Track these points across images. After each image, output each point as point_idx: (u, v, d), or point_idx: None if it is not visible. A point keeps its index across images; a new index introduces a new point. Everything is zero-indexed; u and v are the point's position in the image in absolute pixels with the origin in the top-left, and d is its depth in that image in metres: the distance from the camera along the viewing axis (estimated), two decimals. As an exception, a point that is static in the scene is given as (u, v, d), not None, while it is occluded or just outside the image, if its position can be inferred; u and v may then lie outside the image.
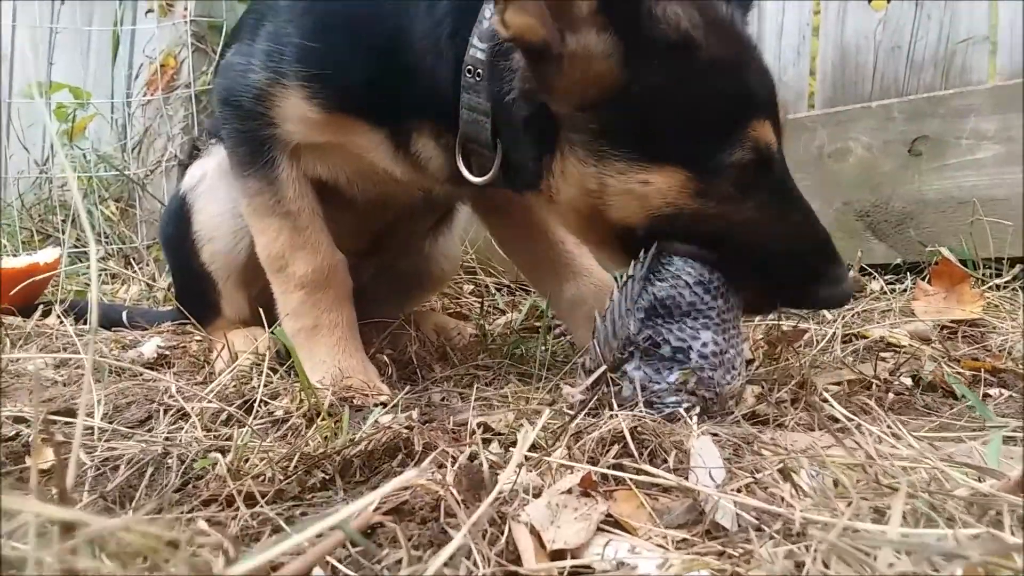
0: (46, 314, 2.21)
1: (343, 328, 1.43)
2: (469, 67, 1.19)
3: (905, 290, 1.89)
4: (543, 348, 1.74)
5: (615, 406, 1.02)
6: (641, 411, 1.02)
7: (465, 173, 1.26)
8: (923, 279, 1.87)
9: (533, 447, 0.87)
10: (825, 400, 1.26)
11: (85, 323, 2.15)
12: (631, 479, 0.79)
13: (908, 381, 1.40)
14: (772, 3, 2.33)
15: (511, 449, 0.89)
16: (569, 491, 0.77)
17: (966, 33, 2.04)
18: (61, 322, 2.14)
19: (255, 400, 1.16)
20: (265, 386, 1.20)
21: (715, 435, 0.95)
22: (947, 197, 1.94)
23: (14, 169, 3.72)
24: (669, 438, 0.87)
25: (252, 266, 1.59)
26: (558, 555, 0.68)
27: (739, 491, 0.79)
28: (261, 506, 0.79)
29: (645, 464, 0.82)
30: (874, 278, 1.97)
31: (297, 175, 1.42)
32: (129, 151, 3.43)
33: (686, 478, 0.80)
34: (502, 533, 0.69)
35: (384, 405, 1.15)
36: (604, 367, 1.08)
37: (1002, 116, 1.89)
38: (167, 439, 1.03)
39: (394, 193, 1.52)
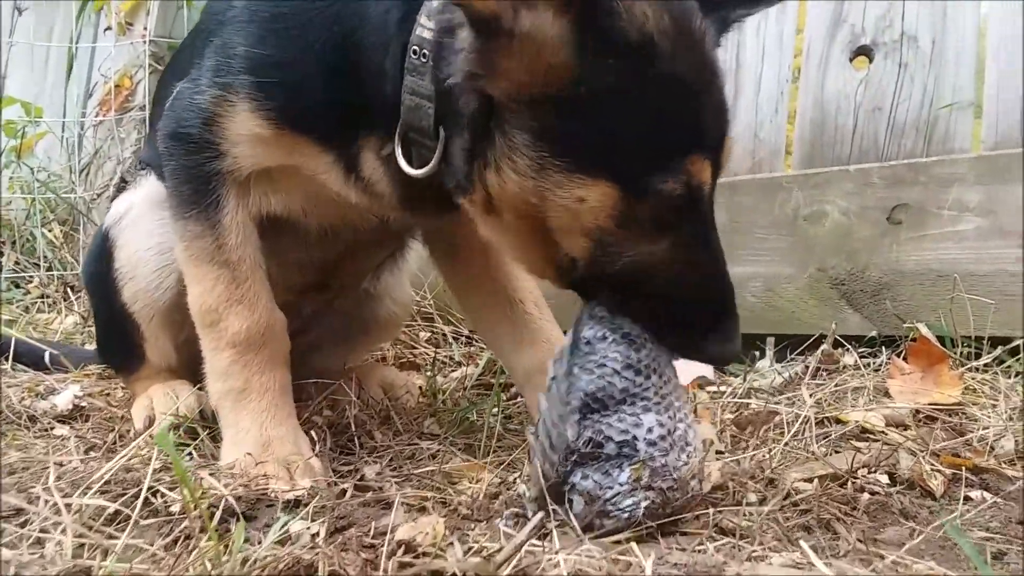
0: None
1: (274, 393, 1.31)
2: (415, 47, 1.10)
3: (880, 367, 1.79)
4: (494, 415, 1.61)
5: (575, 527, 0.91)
6: (601, 525, 0.92)
7: (403, 163, 1.15)
8: (899, 355, 1.77)
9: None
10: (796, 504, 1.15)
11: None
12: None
13: (884, 479, 1.29)
14: (751, 53, 2.24)
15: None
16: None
17: (951, 97, 1.96)
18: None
19: (152, 488, 1.01)
20: (166, 470, 1.05)
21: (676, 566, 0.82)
22: (926, 269, 1.85)
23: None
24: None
25: (178, 307, 1.46)
26: None
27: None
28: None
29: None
30: (848, 351, 1.86)
31: (242, 219, 1.30)
32: (77, 173, 3.27)
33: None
34: None
35: (297, 504, 1.01)
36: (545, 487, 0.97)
37: (986, 187, 1.80)
38: (36, 542, 0.88)
39: (350, 219, 1.41)
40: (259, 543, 0.87)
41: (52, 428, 1.55)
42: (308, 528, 0.90)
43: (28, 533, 0.90)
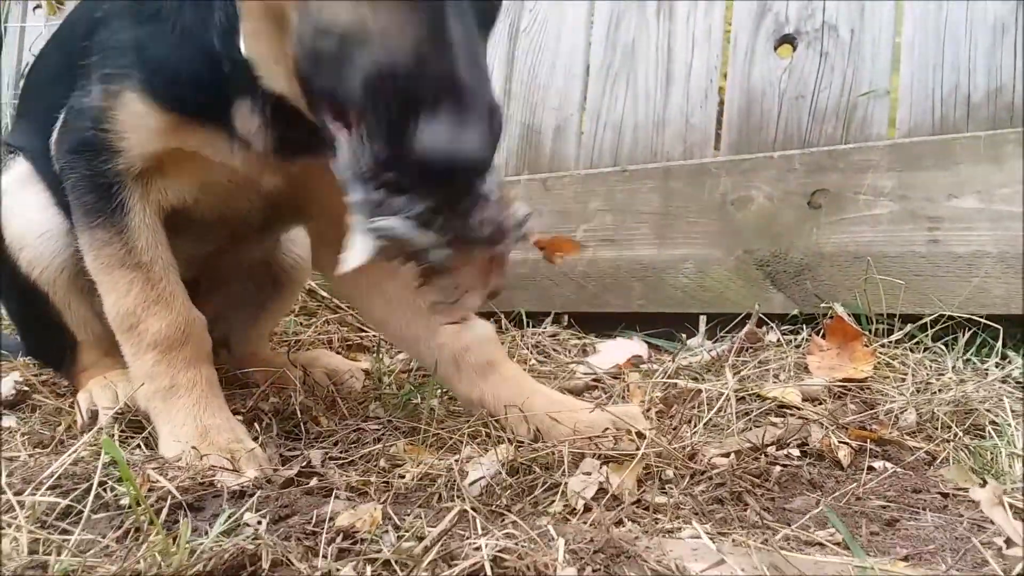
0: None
1: (203, 387, 1.34)
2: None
3: (800, 345, 1.90)
4: (437, 396, 1.68)
5: None
6: None
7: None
8: (818, 333, 1.88)
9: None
10: (711, 479, 1.24)
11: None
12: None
13: (796, 452, 1.39)
14: (681, 43, 2.32)
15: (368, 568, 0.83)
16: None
17: (868, 86, 2.06)
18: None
19: (102, 483, 1.06)
20: (114, 464, 1.09)
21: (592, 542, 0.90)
22: (843, 251, 1.96)
23: None
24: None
25: (79, 272, 1.48)
26: None
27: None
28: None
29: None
30: (771, 329, 1.97)
31: (150, 221, 1.33)
32: (12, 156, 3.21)
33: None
34: None
35: (243, 494, 1.06)
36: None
37: (898, 173, 1.91)
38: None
39: (236, 205, 1.44)
40: (205, 535, 0.92)
41: (-1, 418, 1.57)
42: (253, 518, 0.95)
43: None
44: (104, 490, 1.05)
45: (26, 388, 1.70)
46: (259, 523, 0.93)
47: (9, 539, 0.90)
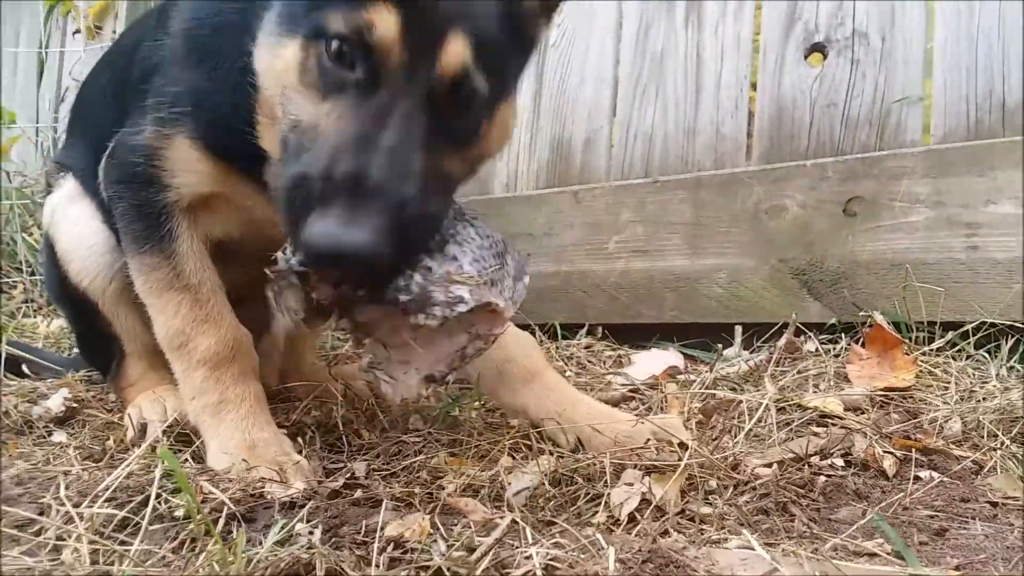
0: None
1: (251, 402, 1.38)
2: None
3: (839, 354, 1.88)
4: (475, 409, 1.69)
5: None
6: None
7: None
8: (857, 342, 1.87)
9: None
10: (755, 489, 1.24)
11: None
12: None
13: (839, 462, 1.38)
14: (710, 52, 2.32)
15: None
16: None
17: (900, 92, 2.05)
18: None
19: (157, 495, 1.08)
20: (169, 475, 1.12)
21: (640, 552, 0.90)
22: (880, 259, 1.95)
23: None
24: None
25: (127, 286, 1.52)
26: None
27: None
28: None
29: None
30: (809, 338, 1.96)
31: (197, 248, 1.39)
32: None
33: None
34: None
35: (292, 505, 1.08)
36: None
37: (934, 180, 1.90)
38: (53, 551, 0.95)
39: (277, 237, 1.48)
40: (260, 544, 0.94)
41: (50, 434, 1.60)
42: (304, 528, 0.97)
43: (44, 541, 0.96)
44: (158, 501, 1.07)
45: (75, 404, 1.74)
46: (311, 533, 0.95)
47: (71, 550, 0.92)
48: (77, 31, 3.40)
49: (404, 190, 1.01)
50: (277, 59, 1.15)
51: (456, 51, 1.06)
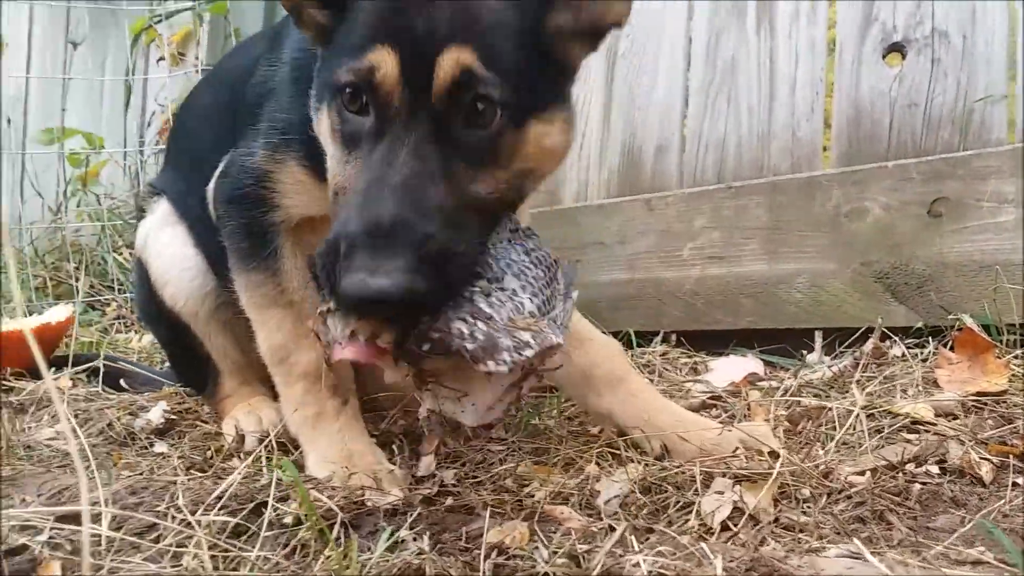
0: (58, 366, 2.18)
1: (348, 414, 1.43)
2: None
3: (927, 358, 1.85)
4: (553, 417, 1.71)
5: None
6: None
7: None
8: (946, 346, 1.83)
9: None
10: (850, 497, 1.23)
11: (93, 378, 2.14)
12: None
13: (935, 469, 1.36)
14: (784, 56, 2.31)
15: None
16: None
17: (983, 91, 2.00)
18: (73, 385, 2.14)
19: (263, 502, 1.13)
20: (277, 483, 1.17)
21: (743, 561, 0.91)
22: (968, 261, 1.90)
23: (27, 217, 3.72)
24: None
25: (220, 306, 1.61)
26: None
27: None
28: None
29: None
30: (895, 343, 1.92)
31: (300, 266, 1.43)
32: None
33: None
34: None
35: (395, 512, 1.11)
36: None
37: (1022, 179, 1.85)
38: (174, 557, 1.00)
39: None
40: (368, 550, 0.97)
41: (152, 445, 1.68)
42: (409, 535, 1.00)
43: (165, 548, 1.02)
44: (265, 508, 1.12)
45: (173, 416, 1.82)
46: (415, 539, 0.98)
47: (191, 555, 0.98)
48: (161, 58, 3.56)
49: (422, 223, 1.01)
50: (321, 125, 1.21)
51: (451, 60, 1.06)
